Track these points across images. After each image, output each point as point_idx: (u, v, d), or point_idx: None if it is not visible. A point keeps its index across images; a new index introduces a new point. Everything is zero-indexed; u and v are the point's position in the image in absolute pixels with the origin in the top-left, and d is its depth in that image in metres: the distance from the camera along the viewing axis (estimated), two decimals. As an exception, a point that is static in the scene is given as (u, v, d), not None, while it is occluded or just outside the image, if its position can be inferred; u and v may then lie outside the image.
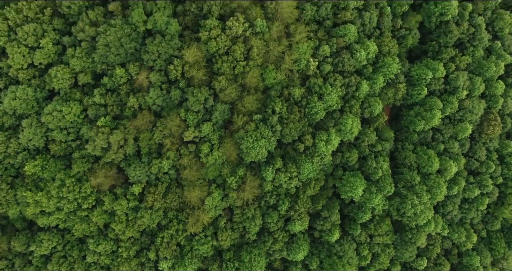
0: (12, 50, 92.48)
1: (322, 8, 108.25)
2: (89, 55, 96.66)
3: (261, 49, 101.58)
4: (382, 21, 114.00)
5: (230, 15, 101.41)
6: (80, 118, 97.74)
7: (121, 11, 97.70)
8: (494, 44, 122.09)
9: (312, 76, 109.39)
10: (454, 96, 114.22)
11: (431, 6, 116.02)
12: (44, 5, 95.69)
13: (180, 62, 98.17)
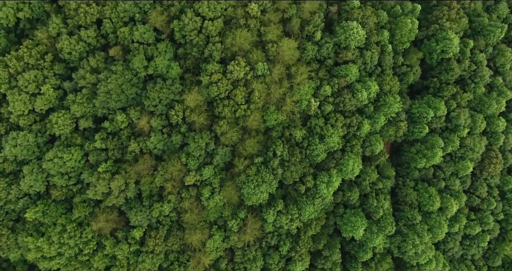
0: (13, 98, 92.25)
1: (323, 48, 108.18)
2: (90, 100, 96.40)
3: (262, 92, 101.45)
4: (384, 59, 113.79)
5: (232, 58, 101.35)
6: (81, 163, 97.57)
7: (121, 56, 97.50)
8: (496, 80, 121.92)
9: (313, 116, 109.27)
10: (455, 134, 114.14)
11: (432, 43, 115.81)
12: (45, 50, 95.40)
13: (181, 107, 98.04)
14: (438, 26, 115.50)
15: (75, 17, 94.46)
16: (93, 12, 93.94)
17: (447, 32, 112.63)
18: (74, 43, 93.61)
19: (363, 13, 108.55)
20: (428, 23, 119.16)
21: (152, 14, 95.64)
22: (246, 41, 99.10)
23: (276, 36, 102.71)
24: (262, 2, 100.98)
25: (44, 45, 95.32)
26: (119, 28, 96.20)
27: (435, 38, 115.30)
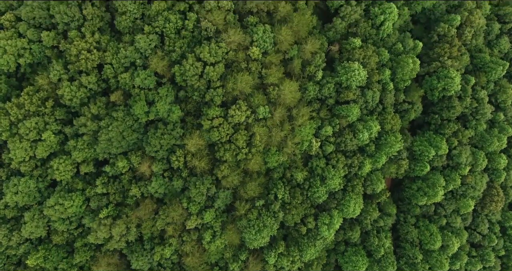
0: (14, 146, 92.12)
1: (324, 87, 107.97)
2: (91, 146, 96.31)
3: (264, 135, 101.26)
4: (385, 97, 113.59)
5: (233, 102, 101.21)
6: (82, 209, 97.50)
7: (123, 101, 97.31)
8: (497, 115, 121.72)
9: (315, 157, 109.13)
10: (456, 172, 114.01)
11: (434, 81, 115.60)
12: (46, 96, 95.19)
13: (182, 152, 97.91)
14: (439, 64, 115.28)
15: (76, 63, 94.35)
16: (94, 58, 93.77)
17: (449, 71, 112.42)
18: (75, 90, 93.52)
19: (364, 53, 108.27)
20: (430, 59, 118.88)
21: (153, 60, 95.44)
22: (247, 85, 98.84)
23: (278, 78, 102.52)
24: (264, 43, 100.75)
25: (45, 91, 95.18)
26: (120, 73, 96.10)
27: (437, 75, 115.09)
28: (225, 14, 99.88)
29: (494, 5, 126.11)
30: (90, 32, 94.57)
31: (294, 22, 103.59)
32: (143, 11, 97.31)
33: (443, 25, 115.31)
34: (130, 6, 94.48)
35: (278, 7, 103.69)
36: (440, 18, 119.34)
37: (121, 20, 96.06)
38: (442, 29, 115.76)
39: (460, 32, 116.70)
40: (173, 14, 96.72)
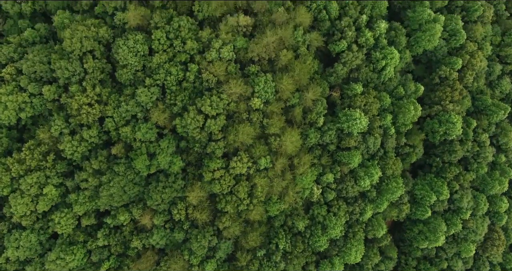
0: (16, 201, 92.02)
1: (326, 134, 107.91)
2: (93, 199, 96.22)
3: (265, 186, 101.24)
4: (386, 141, 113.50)
5: (234, 152, 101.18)
6: (84, 261, 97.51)
7: (124, 153, 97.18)
8: (498, 157, 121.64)
9: (316, 204, 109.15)
10: (458, 216, 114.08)
11: (435, 124, 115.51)
12: (47, 149, 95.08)
13: (183, 205, 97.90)
14: (441, 107, 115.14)
15: (77, 117, 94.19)
16: (95, 112, 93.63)
17: (450, 115, 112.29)
18: (76, 145, 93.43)
19: (365, 100, 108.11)
20: (431, 101, 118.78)
21: (154, 113, 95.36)
22: (248, 136, 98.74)
23: (279, 128, 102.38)
24: (265, 94, 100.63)
25: (46, 145, 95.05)
26: (121, 126, 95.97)
27: (438, 119, 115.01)
28: (226, 64, 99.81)
29: (496, 45, 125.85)
30: (91, 86, 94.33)
31: (295, 71, 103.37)
32: (144, 63, 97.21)
33: (445, 68, 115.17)
34: (131, 59, 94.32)
35: (280, 56, 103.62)
36: (441, 60, 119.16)
37: (122, 73, 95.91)
38: (443, 72, 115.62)
39: (462, 75, 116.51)
40: (174, 65, 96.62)
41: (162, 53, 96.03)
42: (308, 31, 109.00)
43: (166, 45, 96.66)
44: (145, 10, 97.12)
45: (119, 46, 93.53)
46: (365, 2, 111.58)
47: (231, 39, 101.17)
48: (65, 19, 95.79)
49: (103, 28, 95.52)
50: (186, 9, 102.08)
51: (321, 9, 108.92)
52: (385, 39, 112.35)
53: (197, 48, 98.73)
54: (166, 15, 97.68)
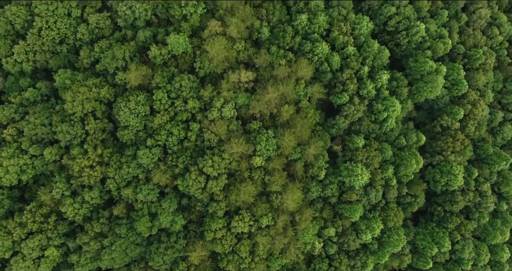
0: (17, 265, 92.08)
1: (327, 188, 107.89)
2: (94, 260, 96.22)
3: (267, 244, 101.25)
4: (388, 192, 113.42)
5: (236, 211, 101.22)
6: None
7: (125, 213, 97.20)
8: (500, 205, 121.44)
9: (317, 257, 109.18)
10: (459, 267, 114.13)
11: (436, 174, 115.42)
12: (48, 211, 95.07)
13: (185, 264, 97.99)
14: (442, 158, 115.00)
15: (78, 178, 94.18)
16: (96, 174, 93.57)
17: (452, 166, 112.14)
18: (78, 207, 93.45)
19: (367, 154, 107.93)
20: (433, 150, 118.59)
21: (156, 174, 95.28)
22: (250, 195, 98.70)
23: (280, 186, 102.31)
24: (266, 152, 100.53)
25: (47, 206, 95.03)
26: (123, 187, 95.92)
27: (440, 169, 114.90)
28: (228, 123, 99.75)
29: (497, 91, 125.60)
30: (92, 147, 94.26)
31: (297, 127, 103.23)
32: (146, 122, 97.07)
33: (446, 118, 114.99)
34: (133, 121, 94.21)
35: (282, 111, 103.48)
36: (443, 108, 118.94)
37: (123, 134, 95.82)
38: (445, 122, 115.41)
39: (463, 125, 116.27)
40: (175, 125, 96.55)
41: (163, 113, 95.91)
42: (309, 83, 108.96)
43: (167, 104, 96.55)
44: (146, 69, 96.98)
45: (121, 108, 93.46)
46: (367, 53, 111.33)
47: (233, 97, 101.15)
48: (66, 79, 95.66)
49: (104, 88, 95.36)
50: (187, 66, 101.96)
51: (322, 61, 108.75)
52: (387, 90, 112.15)
53: (198, 107, 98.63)
54: (168, 74, 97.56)
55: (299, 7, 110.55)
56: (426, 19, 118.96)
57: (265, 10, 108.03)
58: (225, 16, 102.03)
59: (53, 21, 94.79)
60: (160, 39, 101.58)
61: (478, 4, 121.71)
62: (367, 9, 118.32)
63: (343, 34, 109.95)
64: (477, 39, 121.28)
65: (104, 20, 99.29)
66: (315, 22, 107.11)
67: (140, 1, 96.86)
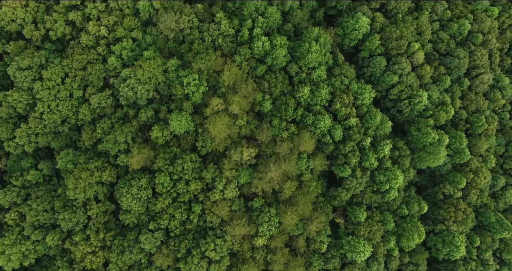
0: None
1: (329, 262, 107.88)
2: None
3: None
4: (390, 263, 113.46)
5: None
6: None
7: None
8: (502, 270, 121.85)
9: None
10: None
11: (439, 243, 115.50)
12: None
13: None
14: (444, 227, 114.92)
15: (81, 263, 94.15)
16: (99, 260, 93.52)
17: (454, 237, 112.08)
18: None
19: (369, 228, 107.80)
20: (435, 218, 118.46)
21: (158, 259, 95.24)
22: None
23: (283, 264, 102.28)
24: (269, 232, 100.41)
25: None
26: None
27: (442, 238, 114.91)
28: (230, 203, 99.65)
29: (500, 155, 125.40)
30: (94, 232, 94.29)
31: (299, 205, 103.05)
32: (148, 205, 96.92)
33: (449, 187, 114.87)
34: (135, 206, 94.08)
35: (284, 188, 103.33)
36: (445, 174, 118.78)
37: (126, 218, 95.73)
38: (447, 191, 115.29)
39: (466, 193, 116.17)
40: (177, 208, 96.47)
41: (166, 196, 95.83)
42: (312, 155, 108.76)
43: (169, 186, 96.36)
44: (148, 152, 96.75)
45: (123, 193, 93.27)
46: (369, 124, 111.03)
47: (235, 176, 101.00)
48: (68, 162, 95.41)
49: (106, 171, 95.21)
50: (189, 145, 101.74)
51: (325, 133, 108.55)
52: (389, 160, 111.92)
53: (200, 188, 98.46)
54: (170, 155, 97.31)
55: (301, 77, 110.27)
56: (428, 86, 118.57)
57: (267, 82, 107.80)
58: (227, 93, 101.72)
59: (54, 105, 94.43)
60: (162, 117, 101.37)
61: (480, 69, 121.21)
62: (369, 75, 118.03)
63: (345, 106, 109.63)
64: (479, 104, 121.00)
65: (105, 99, 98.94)
66: (317, 95, 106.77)
67: (142, 83, 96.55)
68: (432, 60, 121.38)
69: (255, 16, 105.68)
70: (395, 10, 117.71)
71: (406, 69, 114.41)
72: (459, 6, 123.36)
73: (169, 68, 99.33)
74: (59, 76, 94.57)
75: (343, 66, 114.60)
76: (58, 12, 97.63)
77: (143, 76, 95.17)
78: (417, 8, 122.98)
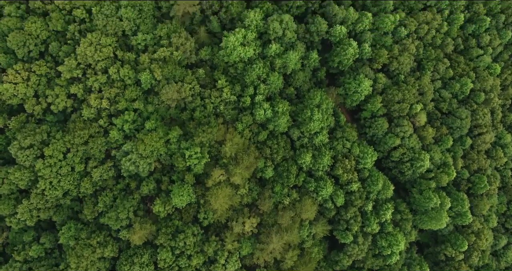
0: None
1: None
2: None
3: None
4: None
5: None
6: None
7: None
8: None
9: None
10: None
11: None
12: None
13: None
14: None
15: None
16: None
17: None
18: None
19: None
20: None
21: None
22: None
23: None
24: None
25: None
26: None
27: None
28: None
29: (501, 213, 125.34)
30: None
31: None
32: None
33: (450, 250, 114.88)
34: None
35: (286, 258, 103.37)
36: (447, 235, 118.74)
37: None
38: (449, 253, 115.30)
39: (467, 255, 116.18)
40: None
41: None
42: (314, 220, 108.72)
43: (171, 261, 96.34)
44: (150, 227, 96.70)
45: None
46: (371, 189, 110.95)
47: (237, 247, 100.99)
48: (70, 238, 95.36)
49: (108, 247, 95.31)
50: (191, 217, 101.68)
51: (326, 199, 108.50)
52: (391, 224, 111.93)
53: (202, 261, 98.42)
54: (172, 229, 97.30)
55: (303, 142, 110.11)
56: (430, 146, 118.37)
57: (269, 148, 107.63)
58: (229, 164, 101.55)
59: (56, 181, 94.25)
60: (164, 188, 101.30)
61: (482, 128, 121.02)
62: (371, 136, 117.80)
63: (347, 172, 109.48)
64: (481, 164, 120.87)
65: (107, 172, 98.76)
66: (319, 162, 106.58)
67: (144, 157, 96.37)
68: (434, 119, 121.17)
69: (257, 83, 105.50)
70: (397, 71, 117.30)
71: (408, 132, 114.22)
72: (461, 64, 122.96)
73: (171, 139, 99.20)
74: (60, 152, 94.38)
75: (345, 128, 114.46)
76: (59, 86, 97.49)
77: (144, 151, 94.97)
78: (419, 67, 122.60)
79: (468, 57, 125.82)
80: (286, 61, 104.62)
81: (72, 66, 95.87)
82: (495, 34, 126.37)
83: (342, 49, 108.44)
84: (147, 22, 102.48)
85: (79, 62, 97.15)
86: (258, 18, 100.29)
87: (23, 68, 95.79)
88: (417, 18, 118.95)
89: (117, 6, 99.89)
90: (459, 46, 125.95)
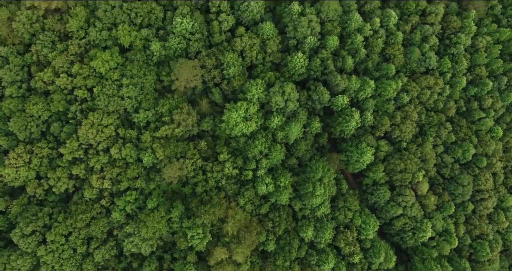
0: None
1: None
2: None
3: None
4: None
5: None
6: None
7: None
8: None
9: None
10: None
11: None
12: None
13: None
14: None
15: None
16: None
17: None
18: None
19: None
20: None
21: None
22: None
23: None
24: None
25: None
26: None
27: None
28: None
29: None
30: None
31: None
32: None
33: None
34: None
35: None
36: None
37: None
38: None
39: None
40: None
41: None
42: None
43: None
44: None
45: None
46: (373, 260, 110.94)
47: None
48: None
49: None
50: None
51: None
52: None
53: None
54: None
55: (305, 213, 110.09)
56: (432, 213, 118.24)
57: (271, 222, 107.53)
58: (231, 243, 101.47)
59: (58, 266, 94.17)
60: (166, 267, 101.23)
61: (484, 194, 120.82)
62: (373, 202, 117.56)
63: (349, 244, 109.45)
64: (483, 229, 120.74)
65: (109, 251, 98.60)
66: (321, 236, 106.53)
67: (146, 240, 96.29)
68: (436, 185, 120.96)
69: (259, 158, 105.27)
70: (399, 138, 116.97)
71: (410, 201, 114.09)
72: (463, 128, 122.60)
73: (173, 218, 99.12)
74: (62, 235, 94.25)
75: (346, 196, 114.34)
76: (61, 167, 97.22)
77: (147, 233, 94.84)
78: (421, 132, 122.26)
79: (470, 119, 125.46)
80: (288, 133, 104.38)
81: (73, 148, 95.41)
82: (497, 96, 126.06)
83: (345, 120, 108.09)
84: (149, 97, 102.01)
85: (80, 143, 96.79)
86: (260, 92, 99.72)
87: (24, 150, 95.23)
88: (419, 83, 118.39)
89: (119, 85, 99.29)
90: (461, 108, 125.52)
